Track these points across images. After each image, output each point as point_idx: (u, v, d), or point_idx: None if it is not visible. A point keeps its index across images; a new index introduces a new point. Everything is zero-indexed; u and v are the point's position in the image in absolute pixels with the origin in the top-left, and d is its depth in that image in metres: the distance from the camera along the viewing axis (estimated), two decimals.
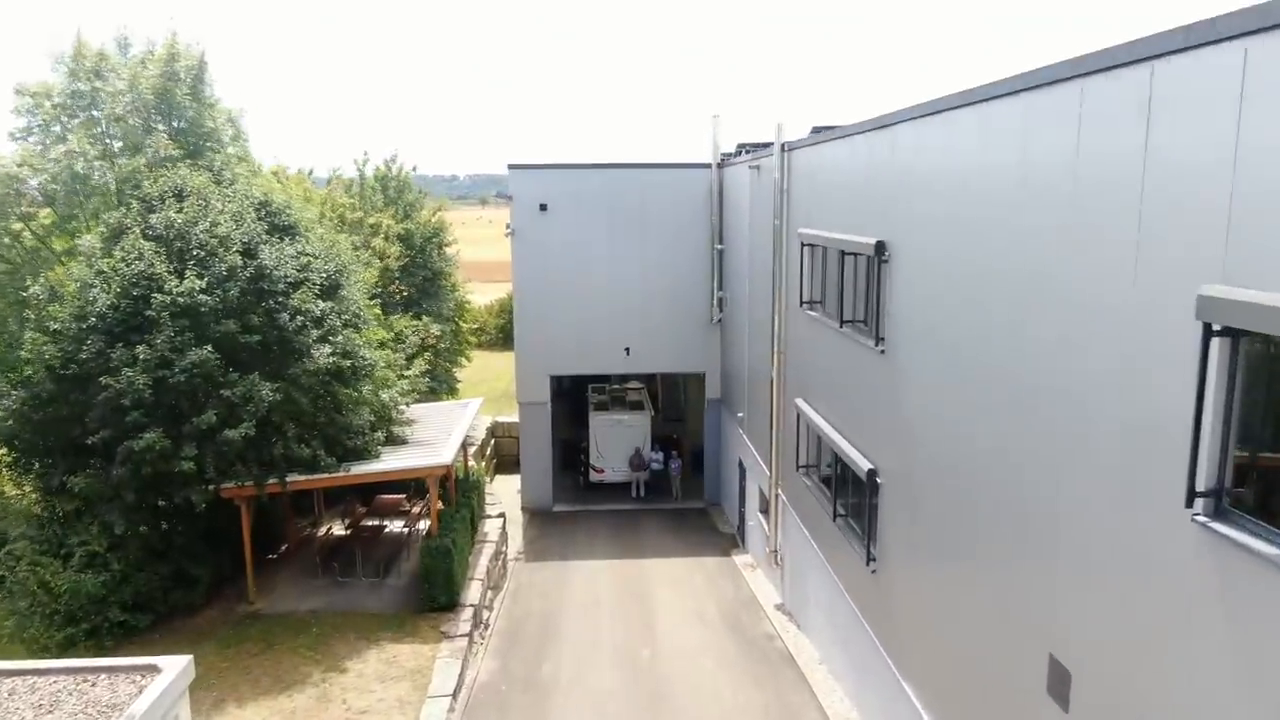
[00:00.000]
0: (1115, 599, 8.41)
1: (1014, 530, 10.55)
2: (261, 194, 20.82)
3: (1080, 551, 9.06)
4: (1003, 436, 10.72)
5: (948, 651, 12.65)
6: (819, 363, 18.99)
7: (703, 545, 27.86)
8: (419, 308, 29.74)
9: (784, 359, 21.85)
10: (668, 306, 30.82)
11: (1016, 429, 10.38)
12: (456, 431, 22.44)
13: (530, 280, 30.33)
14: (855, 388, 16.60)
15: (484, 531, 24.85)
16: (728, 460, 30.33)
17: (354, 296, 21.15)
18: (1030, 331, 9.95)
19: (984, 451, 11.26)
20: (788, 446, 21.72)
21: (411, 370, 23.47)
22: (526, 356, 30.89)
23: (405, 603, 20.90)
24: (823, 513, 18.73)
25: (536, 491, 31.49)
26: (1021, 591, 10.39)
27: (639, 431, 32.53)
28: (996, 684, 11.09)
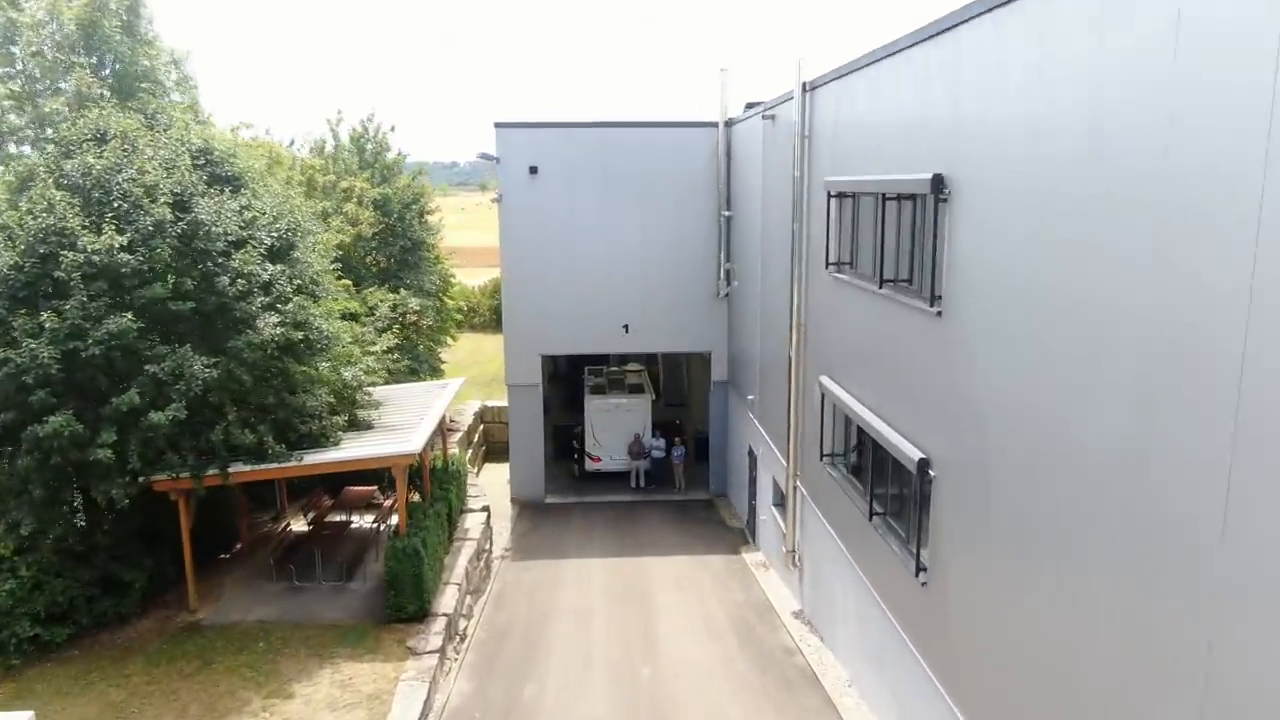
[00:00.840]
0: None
1: (1150, 543, 7.48)
2: (201, 140, 17.73)
3: (1258, 578, 6.01)
4: (1135, 420, 7.63)
5: (1036, 688, 9.60)
6: (850, 334, 15.90)
7: (709, 541, 24.83)
8: (397, 280, 26.68)
9: (804, 333, 18.75)
10: (670, 280, 27.72)
11: (1158, 411, 7.30)
12: (430, 415, 19.39)
13: (519, 251, 27.20)
14: (899, 360, 13.51)
15: (464, 528, 21.81)
16: (736, 448, 27.27)
17: (310, 260, 18.06)
18: (1186, 274, 6.85)
19: (1105, 439, 8.16)
20: (809, 432, 18.66)
21: (378, 345, 20.37)
22: (516, 335, 27.79)
23: (370, 611, 17.86)
24: (854, 509, 15.68)
25: (527, 482, 28.44)
26: (1161, 624, 7.33)
27: (639, 416, 29.48)
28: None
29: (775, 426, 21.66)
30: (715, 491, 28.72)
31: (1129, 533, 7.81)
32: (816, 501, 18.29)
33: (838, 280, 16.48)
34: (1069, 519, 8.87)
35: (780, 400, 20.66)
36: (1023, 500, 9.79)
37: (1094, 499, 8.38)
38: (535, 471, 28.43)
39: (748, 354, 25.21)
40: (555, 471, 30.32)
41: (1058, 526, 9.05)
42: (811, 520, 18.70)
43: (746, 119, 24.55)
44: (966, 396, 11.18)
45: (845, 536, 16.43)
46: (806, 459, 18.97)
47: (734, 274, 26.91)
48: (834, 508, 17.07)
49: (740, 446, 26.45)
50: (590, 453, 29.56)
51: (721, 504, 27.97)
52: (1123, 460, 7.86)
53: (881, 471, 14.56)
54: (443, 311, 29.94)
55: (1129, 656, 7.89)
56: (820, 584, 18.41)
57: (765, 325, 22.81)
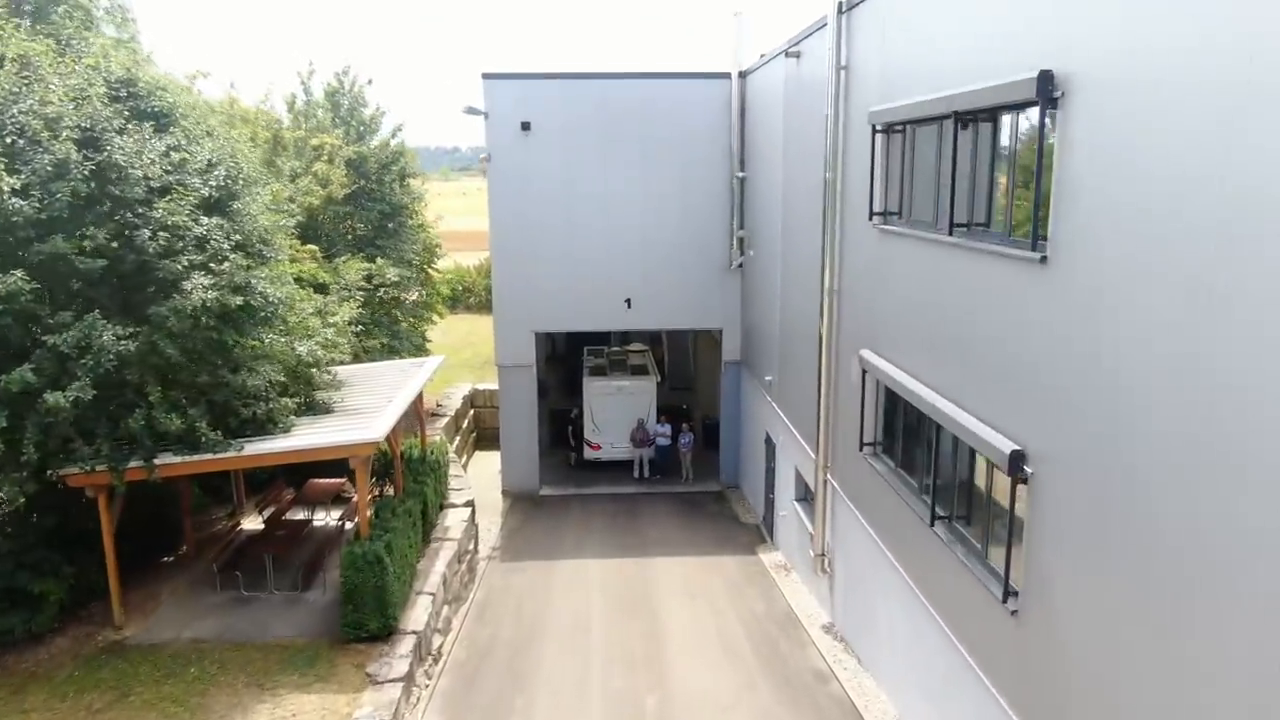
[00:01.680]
0: None
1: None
2: (123, 69, 14.68)
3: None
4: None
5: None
6: (902, 297, 12.85)
7: (721, 539, 21.84)
8: (374, 249, 23.64)
9: (838, 301, 15.70)
10: (677, 249, 24.65)
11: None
12: (400, 398, 16.35)
13: (510, 217, 24.12)
14: (978, 325, 10.46)
15: (444, 526, 18.81)
16: (750, 435, 24.26)
17: (255, 214, 14.99)
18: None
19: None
20: (843, 418, 15.64)
21: (339, 315, 17.28)
22: (506, 310, 24.74)
23: (327, 627, 14.88)
24: (906, 511, 12.68)
25: (519, 472, 25.45)
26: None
27: (642, 400, 26.46)
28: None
29: (799, 411, 18.65)
30: (726, 483, 25.73)
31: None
32: (853, 498, 15.29)
33: (885, 234, 13.42)
34: (1258, 540, 5.85)
35: (806, 381, 17.65)
36: (1179, 512, 6.77)
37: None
38: (529, 461, 25.43)
39: (764, 330, 22.17)
40: (551, 460, 27.36)
41: (1231, 553, 6.02)
42: (846, 520, 15.70)
43: (764, 64, 21.41)
44: (1087, 370, 8.15)
45: (893, 542, 13.43)
46: (840, 449, 15.96)
47: (748, 242, 23.83)
48: (877, 507, 14.07)
49: (755, 433, 23.45)
50: (589, 440, 26.58)
51: (734, 496, 24.98)
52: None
53: (948, 465, 11.55)
54: (428, 285, 26.86)
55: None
56: (857, 594, 15.43)
57: (787, 296, 19.76)
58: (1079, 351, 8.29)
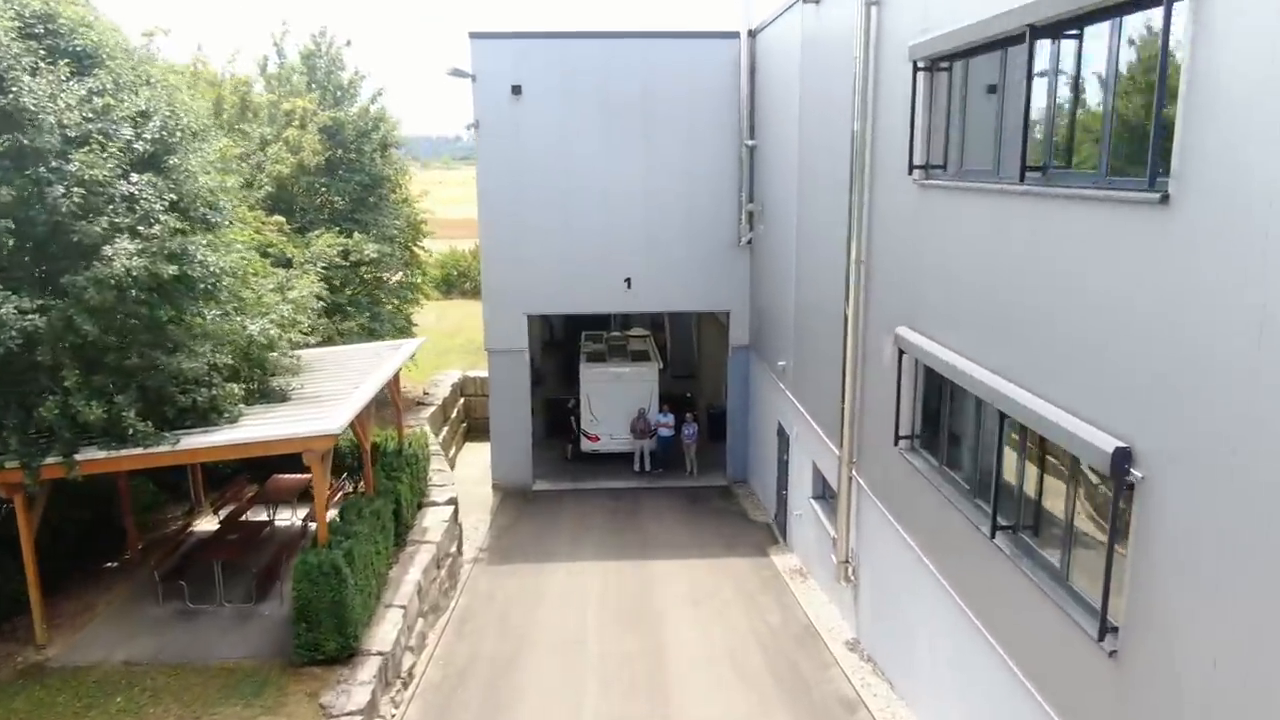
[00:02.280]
0: None
1: None
2: (41, 2, 12.56)
3: None
4: None
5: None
6: (954, 263, 10.68)
7: (730, 539, 19.75)
8: (352, 223, 21.50)
9: (868, 273, 13.56)
10: (681, 224, 22.49)
11: None
12: (368, 384, 14.24)
13: (499, 189, 21.96)
14: (1065, 293, 8.28)
15: (422, 527, 16.72)
16: (760, 425, 22.15)
17: (196, 173, 12.85)
18: None
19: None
20: (874, 407, 13.52)
21: (298, 289, 15.12)
22: (496, 291, 22.60)
23: (281, 646, 12.79)
24: (955, 518, 10.57)
25: (511, 465, 23.35)
26: None
27: (644, 388, 24.35)
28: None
29: (818, 399, 16.54)
30: (734, 477, 23.63)
31: None
32: (884, 499, 13.17)
33: (927, 190, 11.27)
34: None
35: (827, 366, 15.54)
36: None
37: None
38: (520, 452, 23.33)
39: (777, 311, 20.02)
40: (547, 453, 25.28)
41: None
42: (875, 523, 13.59)
43: (778, 17, 19.17)
44: (1224, 343, 6.01)
45: (936, 552, 11.32)
46: (868, 441, 13.85)
47: (759, 216, 21.67)
48: (916, 510, 11.96)
49: (766, 424, 21.34)
50: (587, 430, 24.48)
51: (741, 492, 22.89)
52: None
53: (1014, 465, 9.43)
54: (413, 264, 24.70)
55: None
56: (889, 609, 13.34)
57: (804, 273, 17.61)
58: (1214, 319, 6.16)
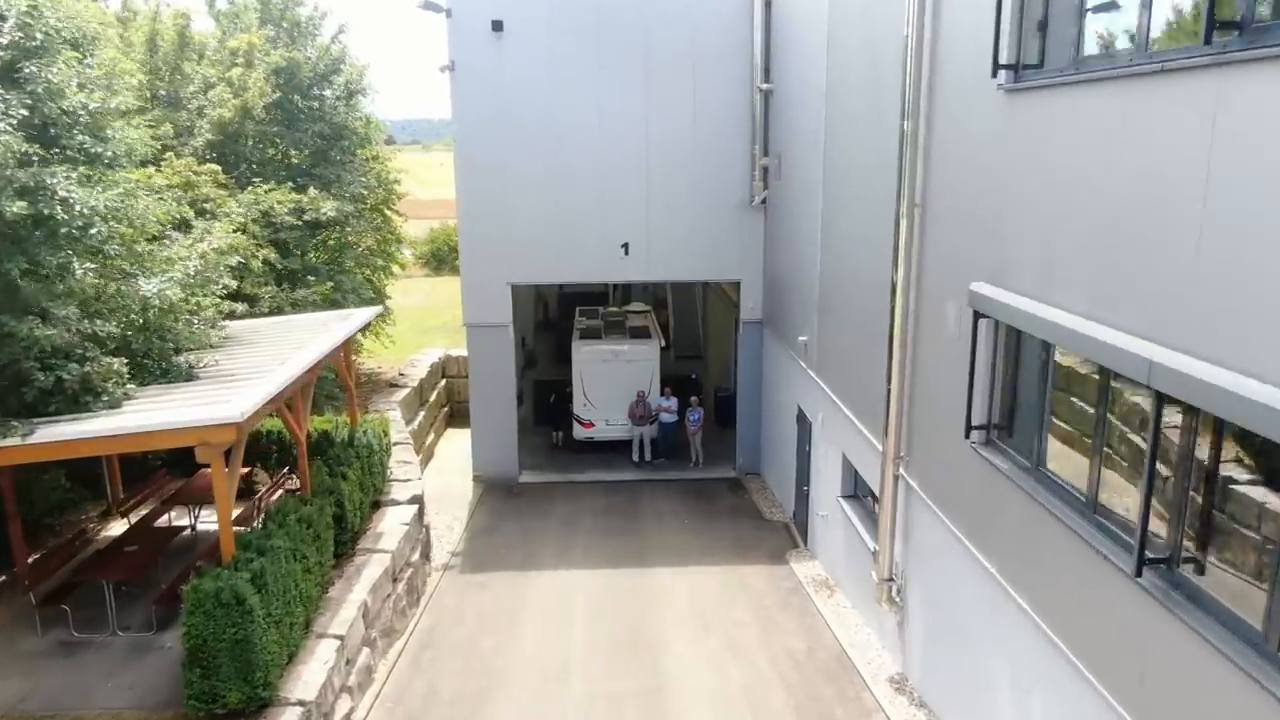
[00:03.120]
0: None
1: None
2: None
3: None
4: None
5: None
6: (1071, 192, 7.59)
7: (742, 543, 16.79)
8: (311, 179, 18.45)
9: (925, 220, 10.53)
10: (685, 182, 19.42)
11: None
12: (297, 360, 11.24)
13: (478, 142, 18.89)
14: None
15: (377, 532, 13.75)
16: (775, 409, 19.14)
17: (61, 84, 9.84)
18: None
19: None
20: (933, 388, 10.50)
21: (205, 242, 12.05)
22: (476, 257, 19.57)
23: (179, 691, 9.85)
24: (1061, 538, 7.56)
25: (494, 455, 20.36)
26: None
27: (644, 368, 21.35)
28: None
29: (850, 380, 13.54)
30: (744, 468, 20.63)
31: None
32: (947, 506, 10.18)
33: (1021, 96, 8.21)
34: None
35: (864, 340, 12.55)
36: None
37: None
38: (505, 440, 20.35)
39: (796, 280, 16.99)
40: (536, 440, 22.38)
41: None
42: (933, 536, 10.61)
43: None
44: None
45: (1032, 584, 8.33)
46: (922, 432, 10.85)
47: (774, 172, 18.59)
48: (997, 523, 8.96)
49: (782, 408, 18.34)
50: (580, 416, 21.50)
51: (753, 485, 19.90)
52: None
53: (1179, 473, 6.41)
54: (384, 229, 21.65)
55: None
56: (951, 645, 10.37)
57: (833, 231, 14.57)
58: None
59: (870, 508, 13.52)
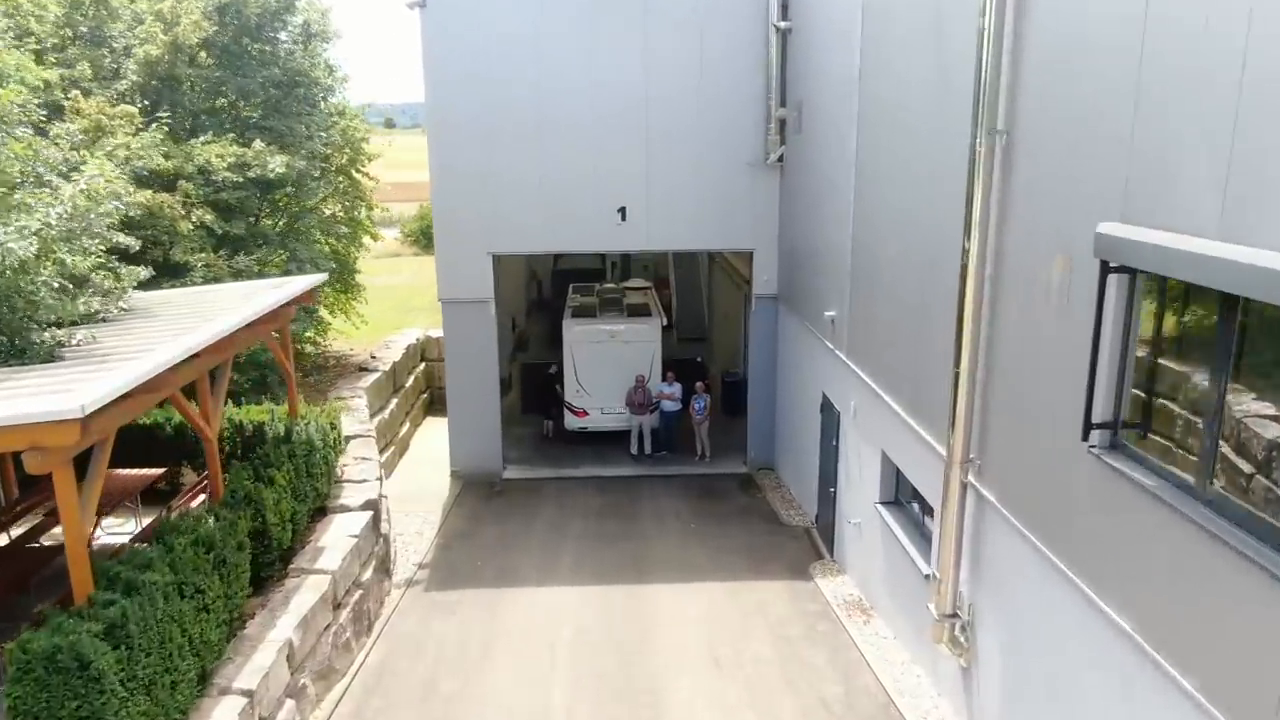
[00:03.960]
0: None
1: None
2: None
3: None
4: None
5: None
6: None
7: (757, 552, 14.17)
8: (262, 131, 15.75)
9: (1012, 152, 7.84)
10: (691, 137, 16.68)
11: None
12: (189, 339, 8.57)
13: (454, 92, 16.15)
14: None
15: (317, 547, 11.11)
16: (793, 396, 16.48)
17: None
18: None
19: None
20: (1025, 372, 7.79)
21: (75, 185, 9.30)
22: (451, 224, 16.85)
23: None
24: (1265, 588, 4.93)
25: (474, 447, 17.71)
26: None
27: (643, 350, 18.70)
28: None
29: (895, 364, 10.89)
30: (756, 463, 17.98)
31: None
32: (1045, 530, 7.50)
33: None
34: None
35: (920, 313, 9.91)
36: None
37: None
38: (487, 431, 17.69)
39: (822, 245, 14.29)
40: (524, 430, 19.79)
41: None
42: (1022, 565, 7.96)
43: None
44: None
45: (1199, 658, 5.68)
46: (1002, 429, 8.18)
47: (794, 125, 15.86)
48: (1133, 562, 6.28)
49: (802, 395, 15.69)
50: (572, 403, 18.87)
51: (767, 482, 17.27)
52: None
53: None
54: (352, 194, 18.91)
55: None
56: (1052, 712, 7.72)
57: (872, 181, 11.86)
58: None
59: (917, 518, 10.89)
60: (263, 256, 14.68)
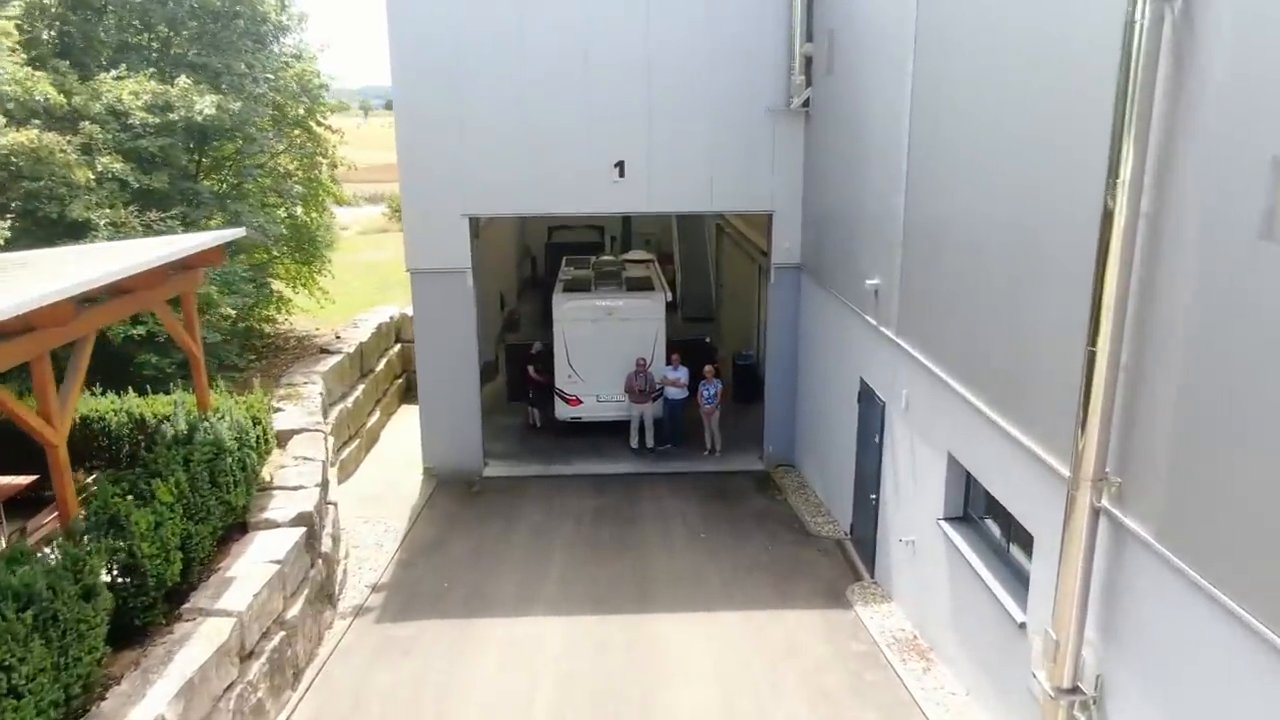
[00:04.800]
0: None
1: None
2: None
3: None
4: None
5: None
6: None
7: (781, 570, 11.54)
8: (194, 71, 13.07)
9: (1181, 10, 5.16)
10: (699, 80, 13.95)
11: None
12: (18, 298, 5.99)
13: (422, 24, 13.42)
14: None
15: (226, 576, 8.50)
16: (820, 382, 13.82)
17: None
18: None
19: None
20: (1207, 357, 5.17)
21: None
22: (419, 182, 14.10)
23: None
24: None
25: (450, 440, 15.09)
26: None
27: (645, 329, 16.05)
28: None
29: (968, 343, 8.22)
30: (774, 459, 15.35)
31: None
32: (1233, 587, 4.89)
33: None
34: None
35: (1014, 274, 7.25)
36: None
37: None
38: (465, 422, 15.05)
39: (863, 202, 11.59)
40: (510, 421, 17.21)
41: None
42: (1194, 633, 5.33)
43: None
44: None
45: None
46: (1155, 440, 5.52)
47: (823, 61, 13.12)
48: None
49: (832, 381, 13.03)
50: (563, 390, 16.25)
51: (788, 482, 14.65)
52: None
53: None
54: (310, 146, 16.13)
55: None
56: None
57: (931, 120, 9.18)
58: None
59: (999, 544, 8.29)
60: (188, 215, 11.99)
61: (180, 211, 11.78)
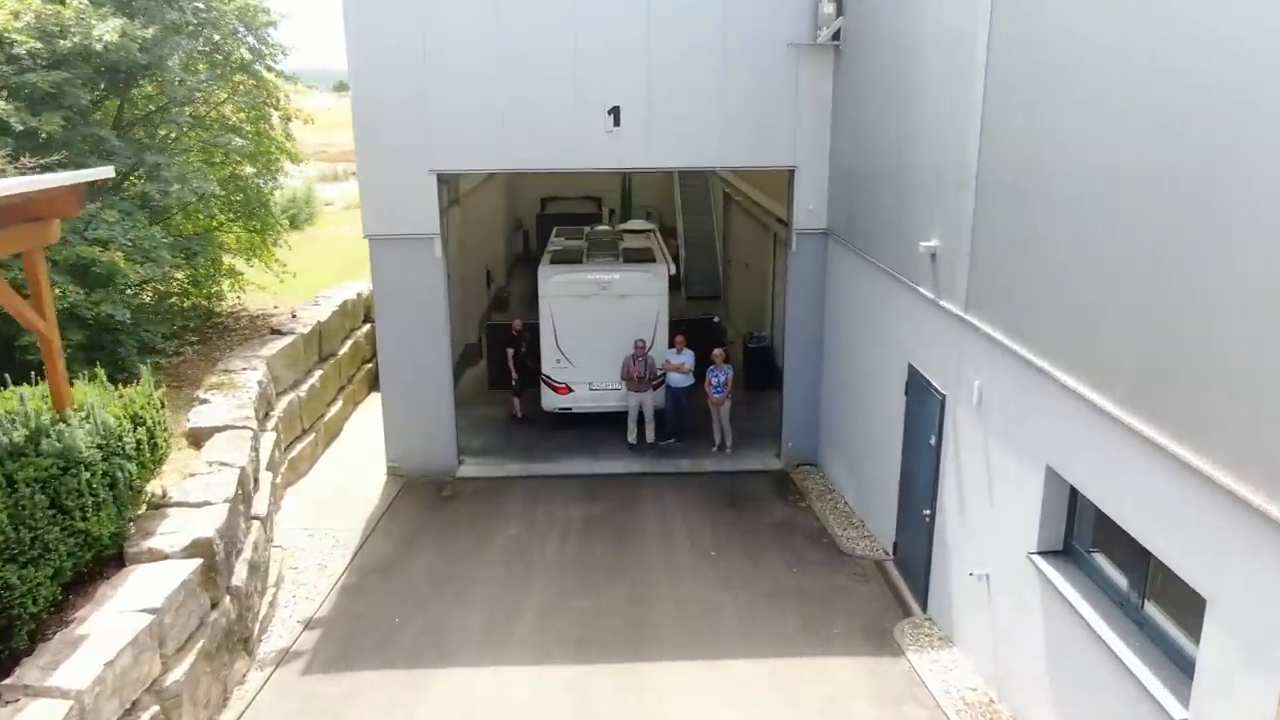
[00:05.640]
0: None
1: None
2: None
3: None
4: None
5: None
6: None
7: (808, 603, 9.22)
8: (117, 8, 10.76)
9: None
10: (707, 10, 11.53)
11: None
12: None
13: None
14: None
15: (73, 635, 6.19)
16: (852, 368, 11.44)
17: None
18: None
19: None
20: None
21: None
22: (378, 130, 11.68)
23: None
24: None
25: (419, 436, 12.74)
26: None
27: (645, 307, 13.70)
28: None
29: (1090, 328, 5.82)
30: (794, 456, 13.00)
31: None
32: None
33: None
34: None
35: (1177, 236, 4.83)
36: None
37: None
38: (436, 414, 12.71)
39: (911, 154, 9.18)
40: (492, 411, 14.88)
41: None
42: None
43: None
44: None
45: None
46: None
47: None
48: None
49: (871, 366, 10.66)
50: (551, 377, 13.90)
51: (811, 485, 12.32)
52: None
53: None
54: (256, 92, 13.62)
55: None
56: None
57: (1020, 49, 6.76)
58: None
59: (1130, 598, 5.95)
60: (83, 164, 9.61)
61: (66, 157, 9.39)
